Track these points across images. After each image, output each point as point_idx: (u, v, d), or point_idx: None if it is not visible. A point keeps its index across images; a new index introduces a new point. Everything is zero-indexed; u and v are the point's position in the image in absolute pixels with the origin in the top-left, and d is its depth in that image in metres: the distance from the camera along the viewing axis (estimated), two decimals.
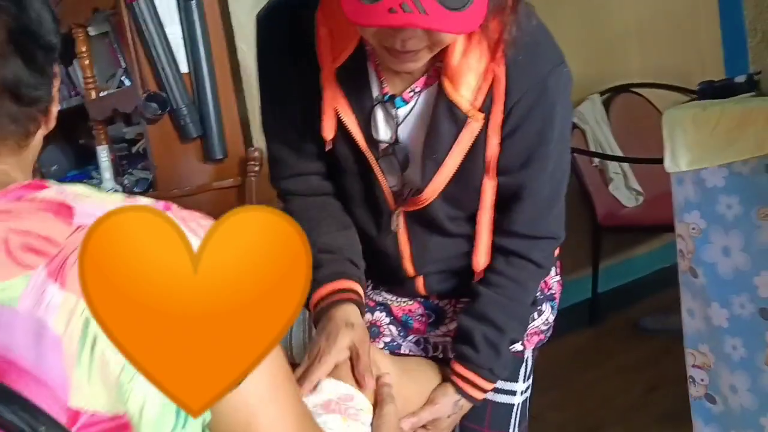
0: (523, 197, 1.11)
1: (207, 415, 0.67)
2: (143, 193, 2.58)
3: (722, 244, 1.59)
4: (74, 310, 0.61)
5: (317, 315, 1.12)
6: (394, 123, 1.09)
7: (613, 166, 3.39)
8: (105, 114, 2.73)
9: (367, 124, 1.08)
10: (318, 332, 1.09)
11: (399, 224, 1.16)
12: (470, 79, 1.03)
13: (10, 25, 0.68)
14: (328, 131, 1.07)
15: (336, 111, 1.06)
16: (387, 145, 1.10)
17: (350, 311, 1.10)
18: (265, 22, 1.12)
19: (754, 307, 1.55)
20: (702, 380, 1.68)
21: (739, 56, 1.98)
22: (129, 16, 2.43)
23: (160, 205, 0.67)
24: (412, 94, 1.08)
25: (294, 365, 1.03)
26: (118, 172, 2.85)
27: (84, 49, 2.72)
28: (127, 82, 2.71)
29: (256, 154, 2.50)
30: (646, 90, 3.67)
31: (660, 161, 1.73)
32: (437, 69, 1.06)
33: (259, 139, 2.55)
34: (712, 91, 1.71)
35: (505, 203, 1.13)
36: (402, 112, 1.09)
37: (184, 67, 2.51)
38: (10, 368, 0.59)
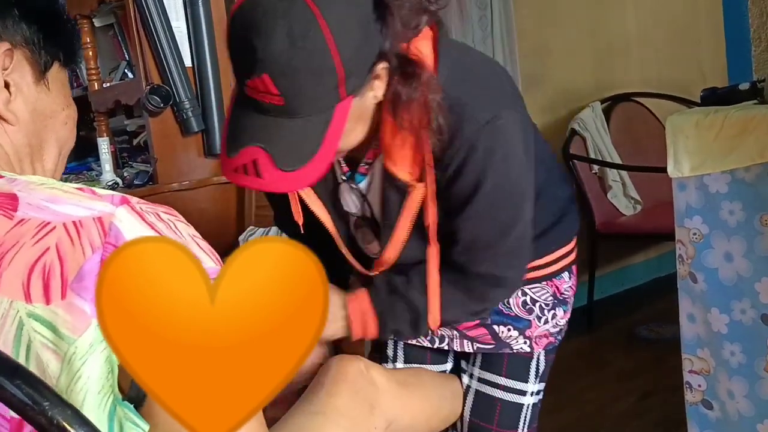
0: (460, 235, 1.14)
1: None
2: (143, 186, 2.57)
3: (724, 250, 1.59)
4: (6, 315, 0.59)
5: None
6: (360, 196, 1.19)
7: (612, 174, 3.40)
8: (107, 105, 2.72)
9: (335, 201, 1.21)
10: None
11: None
12: (405, 153, 1.08)
13: None
14: (297, 216, 1.21)
15: (299, 197, 1.20)
16: (357, 218, 1.20)
17: None
18: None
19: (755, 313, 1.55)
20: (699, 386, 1.68)
21: (742, 64, 1.99)
22: (134, 9, 2.43)
23: (116, 198, 0.66)
24: (366, 166, 1.16)
25: None
26: (119, 165, 2.84)
27: (88, 40, 2.71)
28: (130, 75, 2.71)
29: None
30: (646, 99, 3.69)
31: (659, 170, 1.73)
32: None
33: None
34: (715, 97, 1.71)
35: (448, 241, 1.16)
36: (363, 185, 1.18)
37: (188, 61, 2.51)
38: None
